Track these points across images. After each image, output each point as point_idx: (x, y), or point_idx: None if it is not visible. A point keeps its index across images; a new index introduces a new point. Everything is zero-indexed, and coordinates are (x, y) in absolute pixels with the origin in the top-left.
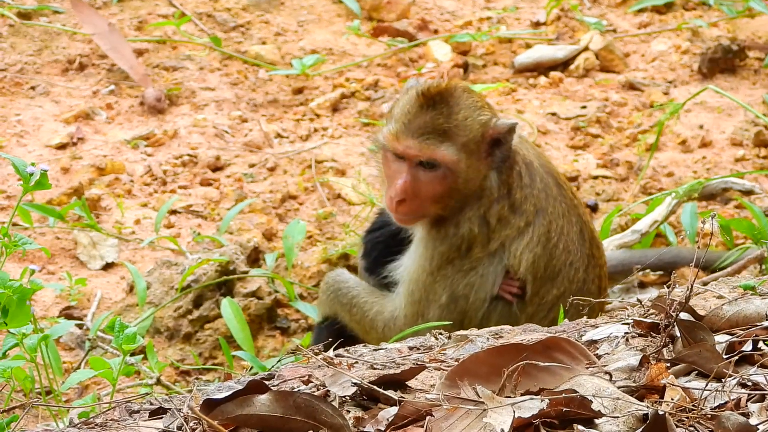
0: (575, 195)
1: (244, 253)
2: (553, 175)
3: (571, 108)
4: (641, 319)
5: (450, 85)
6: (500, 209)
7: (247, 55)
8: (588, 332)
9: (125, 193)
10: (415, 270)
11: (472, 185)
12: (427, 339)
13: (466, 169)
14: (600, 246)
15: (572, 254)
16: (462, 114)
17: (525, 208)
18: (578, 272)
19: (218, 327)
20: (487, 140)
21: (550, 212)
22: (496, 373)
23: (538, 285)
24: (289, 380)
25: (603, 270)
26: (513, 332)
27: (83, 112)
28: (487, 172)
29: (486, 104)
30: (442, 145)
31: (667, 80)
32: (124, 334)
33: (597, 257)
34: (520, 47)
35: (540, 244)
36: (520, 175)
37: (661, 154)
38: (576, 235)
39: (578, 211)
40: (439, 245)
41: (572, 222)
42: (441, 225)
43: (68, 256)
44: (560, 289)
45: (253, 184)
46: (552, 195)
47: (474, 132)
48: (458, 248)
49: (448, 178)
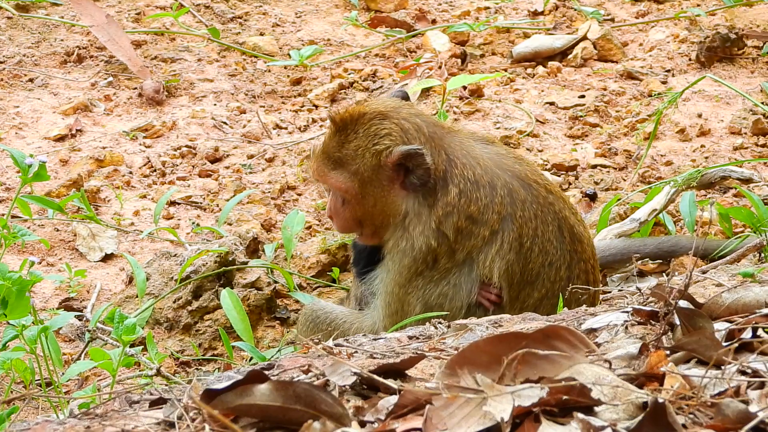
0: (551, 190)
1: (243, 244)
2: (520, 176)
3: (569, 97)
4: (640, 307)
5: (356, 112)
6: (456, 221)
7: (245, 46)
8: (587, 321)
9: (124, 184)
10: (388, 282)
11: (390, 209)
12: (426, 328)
13: (365, 196)
14: (583, 239)
15: (550, 254)
16: (355, 143)
17: (487, 217)
18: (560, 271)
19: (218, 318)
20: (389, 168)
21: (518, 217)
22: (496, 362)
23: (516, 290)
24: (288, 370)
25: (590, 264)
26: (512, 321)
27: (82, 104)
28: (402, 197)
29: (393, 131)
30: (332, 172)
31: (665, 69)
32: (123, 325)
33: (580, 252)
34: (518, 37)
35: (512, 250)
36: (464, 193)
37: (660, 142)
38: (553, 234)
39: (554, 209)
40: (403, 258)
41: (547, 221)
42: (399, 239)
43: (67, 248)
44: (541, 291)
45: (251, 175)
46: (519, 198)
47: (367, 161)
48: (423, 261)
49: (350, 202)
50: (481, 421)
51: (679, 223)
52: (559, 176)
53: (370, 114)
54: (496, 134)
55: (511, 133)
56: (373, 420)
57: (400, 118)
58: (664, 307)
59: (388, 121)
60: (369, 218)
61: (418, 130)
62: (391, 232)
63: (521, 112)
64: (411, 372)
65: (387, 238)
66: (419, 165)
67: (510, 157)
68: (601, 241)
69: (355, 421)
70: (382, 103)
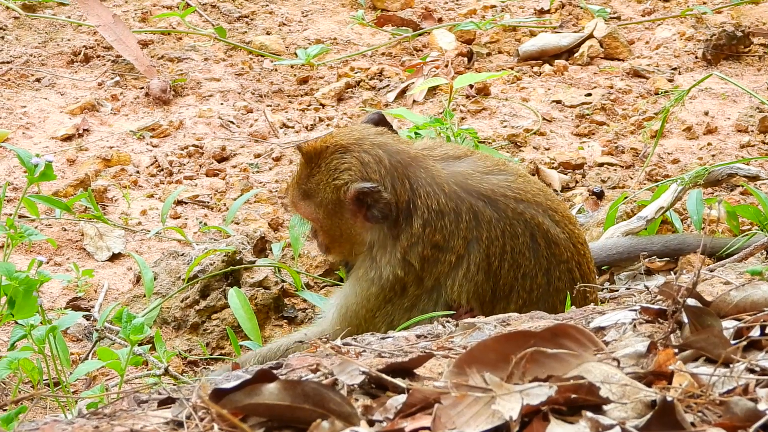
0: (523, 198)
1: (251, 243)
2: (486, 194)
3: (575, 96)
4: (648, 305)
5: (319, 145)
6: (422, 251)
7: (251, 45)
8: (595, 319)
9: (131, 184)
10: (352, 303)
11: (356, 239)
12: (434, 327)
13: (332, 227)
14: (560, 242)
15: (523, 266)
16: (317, 177)
17: (452, 244)
18: (536, 278)
19: (225, 317)
20: (349, 202)
21: (485, 238)
22: (504, 361)
23: (489, 307)
24: (297, 369)
25: (571, 264)
26: (520, 320)
27: (89, 104)
28: (366, 229)
29: (352, 166)
30: (301, 203)
31: (672, 67)
32: (131, 324)
33: (558, 254)
34: (525, 35)
35: (480, 270)
36: (428, 223)
37: (667, 140)
38: (525, 245)
39: (524, 218)
40: (370, 287)
41: (517, 234)
42: (368, 268)
43: (75, 248)
44: (517, 302)
45: (258, 174)
46: (485, 219)
47: (328, 194)
48: (392, 289)
49: (321, 230)
50: (490, 419)
51: (686, 221)
52: (566, 174)
53: (332, 148)
54: (502, 133)
55: (518, 131)
56: (381, 419)
57: (361, 151)
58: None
59: (349, 155)
60: (338, 246)
61: (379, 162)
62: (360, 260)
63: (528, 111)
64: (419, 371)
65: (357, 263)
66: (377, 201)
67: (478, 175)
68: (608, 239)
69: (363, 420)
70: (348, 134)
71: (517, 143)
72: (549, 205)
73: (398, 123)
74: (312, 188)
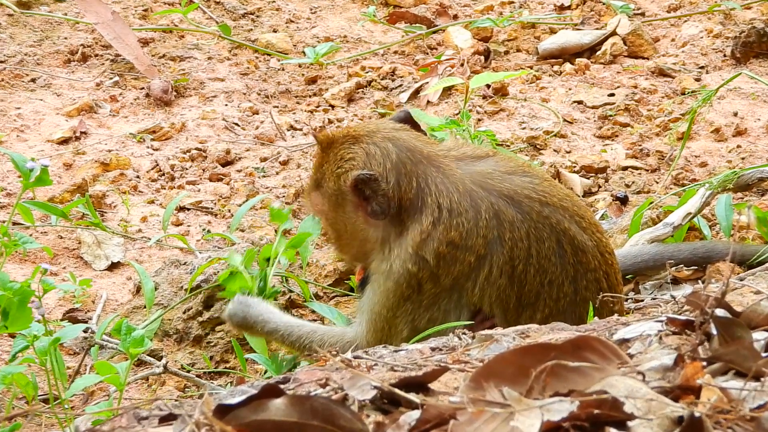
0: (548, 201)
1: (257, 252)
2: (507, 194)
3: (598, 96)
4: (675, 316)
5: (334, 135)
6: (437, 247)
7: (257, 43)
8: (619, 330)
9: (131, 189)
10: (375, 303)
11: (361, 235)
12: (449, 339)
13: (337, 219)
14: (587, 249)
15: (549, 273)
16: (325, 167)
17: (471, 243)
18: (563, 287)
19: (230, 329)
20: (349, 191)
21: (508, 239)
22: (524, 375)
23: (513, 314)
24: (305, 384)
25: (599, 274)
26: (540, 331)
27: (86, 105)
28: (371, 225)
29: (357, 156)
30: (313, 193)
31: (699, 66)
32: (131, 337)
33: (585, 263)
34: (544, 33)
35: (504, 274)
36: (440, 221)
37: (694, 143)
38: (551, 251)
39: (550, 222)
40: (386, 281)
41: (542, 238)
42: (380, 262)
43: (72, 256)
44: (544, 311)
45: (265, 178)
46: (507, 219)
47: (333, 184)
48: (408, 285)
49: (327, 225)
50: None
51: (714, 227)
52: (588, 178)
53: (343, 138)
54: (521, 135)
55: (538, 133)
56: None
57: (370, 143)
58: (700, 316)
59: (357, 146)
60: (346, 244)
61: (386, 155)
62: (373, 257)
63: (548, 112)
64: (434, 385)
65: (370, 261)
66: (375, 191)
67: (499, 174)
68: (632, 246)
69: None
70: (364, 126)
71: (537, 146)
72: (575, 211)
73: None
74: (320, 178)
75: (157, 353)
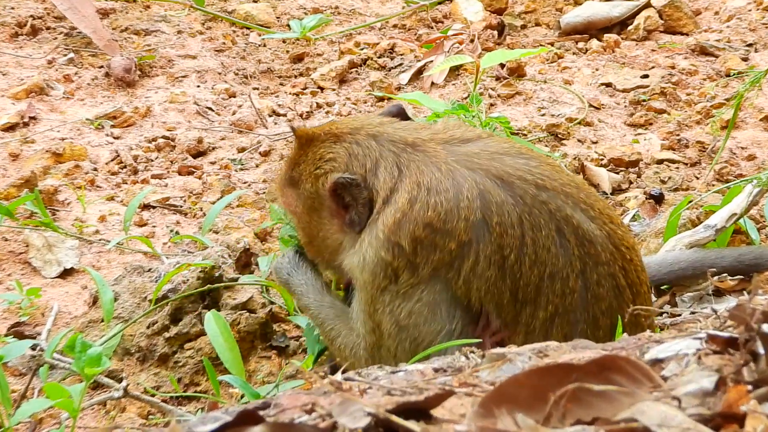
0: (547, 185)
1: (233, 257)
2: (495, 174)
3: (629, 78)
4: (717, 332)
5: (314, 132)
6: (413, 230)
7: (235, 15)
8: (652, 349)
9: (87, 184)
10: (360, 299)
11: (334, 245)
12: (455, 359)
13: (311, 223)
14: (596, 239)
15: (549, 265)
16: (302, 167)
17: (451, 226)
18: (568, 281)
19: (201, 346)
20: (327, 197)
21: (495, 224)
22: (541, 400)
23: (510, 311)
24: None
25: (613, 268)
26: (560, 350)
27: (36, 86)
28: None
29: (338, 156)
30: (286, 189)
31: (747, 43)
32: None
33: (594, 255)
34: (567, 4)
35: (493, 265)
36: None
37: (740, 132)
38: (550, 240)
39: (548, 207)
40: (362, 275)
41: (539, 225)
42: (351, 256)
43: (18, 261)
44: (548, 309)
45: (243, 172)
46: (494, 201)
47: (310, 186)
48: (385, 276)
49: (299, 226)
50: None
51: (763, 230)
52: (617, 173)
53: (324, 135)
54: (540, 122)
55: (559, 120)
56: None
57: (353, 142)
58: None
59: (339, 145)
60: (314, 249)
61: (368, 154)
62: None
63: (571, 96)
64: (437, 412)
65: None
66: (356, 198)
67: (487, 154)
68: (668, 252)
69: None
70: (349, 123)
71: (559, 135)
72: (582, 199)
73: (413, 110)
74: (296, 177)
75: (117, 374)
